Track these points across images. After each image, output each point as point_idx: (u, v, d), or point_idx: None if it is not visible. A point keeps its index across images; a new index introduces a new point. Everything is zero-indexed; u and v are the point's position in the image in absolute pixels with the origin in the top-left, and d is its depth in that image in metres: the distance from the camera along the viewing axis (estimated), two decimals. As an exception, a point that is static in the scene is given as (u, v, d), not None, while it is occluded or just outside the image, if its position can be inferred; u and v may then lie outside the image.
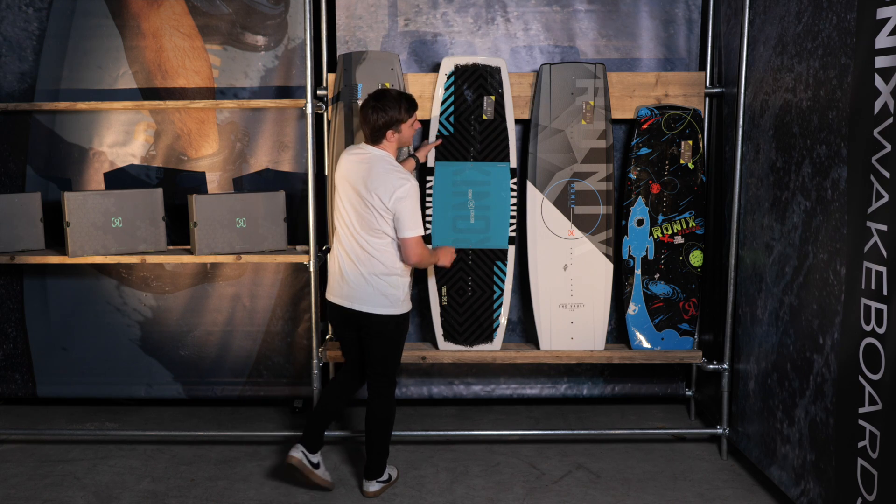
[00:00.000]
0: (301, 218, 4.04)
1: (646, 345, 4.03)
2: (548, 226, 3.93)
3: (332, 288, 3.44)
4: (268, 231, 3.93)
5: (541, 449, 3.96)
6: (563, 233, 3.94)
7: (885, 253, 2.53)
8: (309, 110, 3.66)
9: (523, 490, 3.54)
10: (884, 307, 2.52)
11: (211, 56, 4.19)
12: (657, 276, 4.00)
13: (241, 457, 3.89)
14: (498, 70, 3.89)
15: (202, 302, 4.34)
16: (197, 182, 4.26)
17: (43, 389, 4.41)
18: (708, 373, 4.02)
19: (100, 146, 4.24)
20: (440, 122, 3.90)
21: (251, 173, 4.25)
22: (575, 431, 4.11)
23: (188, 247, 4.00)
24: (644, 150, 3.94)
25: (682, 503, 3.44)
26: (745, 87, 3.60)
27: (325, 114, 4.02)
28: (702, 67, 4.09)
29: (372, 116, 3.29)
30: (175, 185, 4.24)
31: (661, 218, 3.97)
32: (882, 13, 2.54)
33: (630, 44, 4.17)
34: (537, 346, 4.02)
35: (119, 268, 4.32)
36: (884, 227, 2.53)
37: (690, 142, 3.94)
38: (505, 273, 3.93)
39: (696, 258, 4.00)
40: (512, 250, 3.94)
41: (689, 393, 4.37)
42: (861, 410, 2.65)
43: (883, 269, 2.53)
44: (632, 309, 4.01)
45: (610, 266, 3.96)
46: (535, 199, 3.92)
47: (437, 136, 3.91)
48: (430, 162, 3.91)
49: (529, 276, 3.97)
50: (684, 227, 3.98)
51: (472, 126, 3.90)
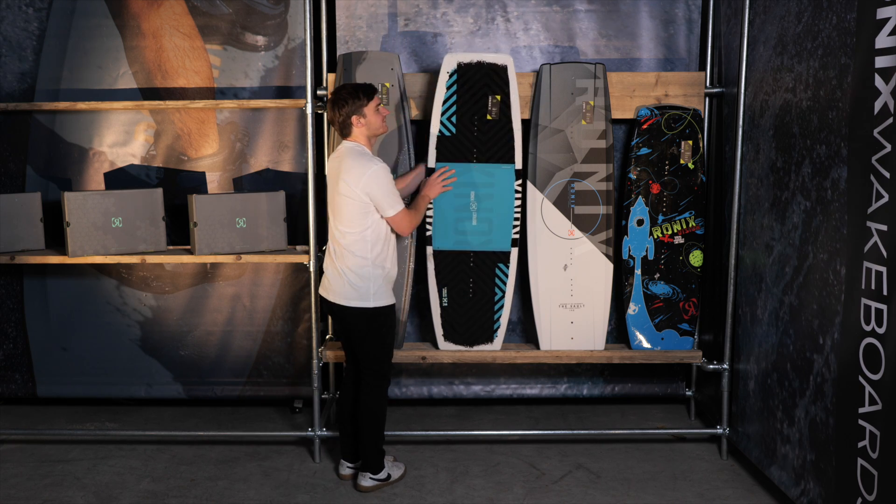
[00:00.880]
0: (301, 218, 4.04)
1: (646, 345, 4.02)
2: (548, 226, 3.93)
3: (322, 282, 3.54)
4: (268, 231, 3.93)
5: (541, 449, 3.96)
6: (563, 233, 3.94)
7: (885, 253, 2.53)
8: (309, 110, 3.66)
9: (523, 490, 3.54)
10: (884, 307, 2.52)
11: (211, 56, 4.19)
12: (657, 276, 4.00)
13: (241, 457, 3.89)
14: (504, 69, 3.77)
15: (202, 302, 4.34)
16: (197, 182, 4.26)
17: (43, 389, 4.41)
18: (708, 373, 4.02)
19: (100, 146, 4.24)
20: (441, 123, 3.80)
21: (251, 173, 4.25)
22: (575, 431, 4.11)
23: (188, 247, 4.00)
24: (644, 150, 3.94)
25: (682, 503, 3.44)
26: (745, 87, 3.60)
27: (325, 114, 4.02)
28: (702, 67, 4.09)
29: (334, 111, 3.38)
30: (175, 185, 4.24)
31: (661, 218, 3.97)
32: (882, 13, 2.54)
33: (630, 44, 4.17)
34: (537, 346, 4.01)
35: (119, 268, 4.32)
36: (884, 227, 2.53)
37: (690, 142, 3.94)
38: (507, 276, 3.89)
39: (696, 258, 3.99)
40: (515, 253, 3.89)
41: (689, 393, 4.37)
42: (861, 410, 2.65)
43: (883, 269, 2.53)
44: (632, 309, 4.01)
45: (610, 266, 3.96)
46: (535, 199, 3.92)
47: (417, 165, 3.88)
48: (431, 162, 3.83)
49: (529, 276, 3.96)
50: (684, 227, 3.98)
51: (476, 126, 3.80)
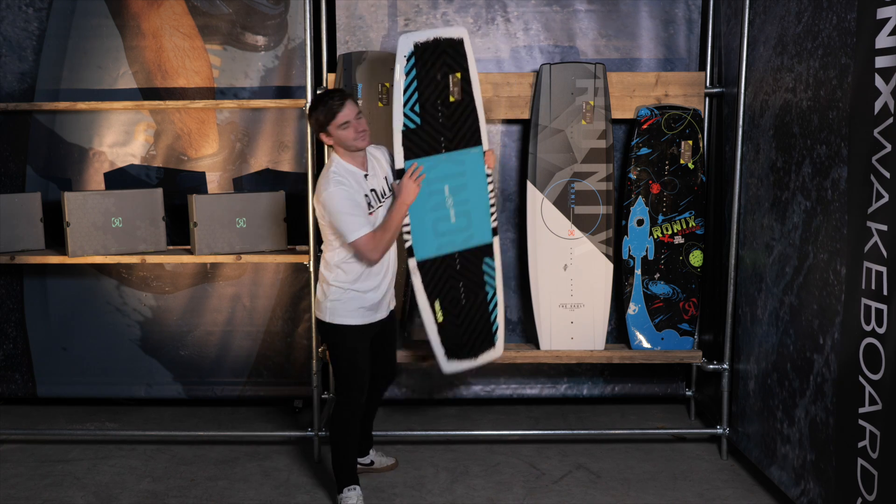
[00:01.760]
0: (301, 218, 4.04)
1: (646, 345, 4.02)
2: (548, 226, 3.93)
3: None
4: (268, 231, 3.93)
5: (541, 449, 3.96)
6: (563, 233, 3.94)
7: (885, 253, 2.53)
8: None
9: (523, 490, 3.54)
10: (884, 307, 2.52)
11: (211, 56, 4.19)
12: (657, 276, 4.00)
13: (241, 457, 3.89)
14: (461, 42, 3.40)
15: (202, 302, 4.34)
16: (197, 182, 4.26)
17: (43, 389, 4.41)
18: (708, 373, 4.02)
19: (100, 146, 4.24)
20: (405, 115, 3.32)
21: (251, 173, 4.25)
22: (575, 431, 4.11)
23: (188, 247, 4.00)
24: (644, 150, 3.94)
25: (682, 503, 3.44)
26: (745, 87, 3.60)
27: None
28: (702, 67, 4.09)
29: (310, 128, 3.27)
30: (175, 185, 4.24)
31: (661, 218, 3.97)
32: (882, 13, 2.54)
33: (630, 44, 4.17)
34: (537, 346, 4.01)
35: (119, 268, 4.32)
36: (884, 227, 2.53)
37: (690, 142, 3.94)
38: (494, 269, 3.63)
39: (696, 258, 3.99)
40: (496, 241, 3.58)
41: (689, 393, 4.37)
42: (861, 410, 2.65)
43: (883, 269, 2.53)
44: (632, 309, 4.01)
45: (610, 266, 3.96)
46: (535, 199, 3.92)
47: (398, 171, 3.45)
48: (399, 162, 3.33)
49: (529, 275, 3.96)
50: (684, 227, 3.98)
51: (440, 112, 3.39)
